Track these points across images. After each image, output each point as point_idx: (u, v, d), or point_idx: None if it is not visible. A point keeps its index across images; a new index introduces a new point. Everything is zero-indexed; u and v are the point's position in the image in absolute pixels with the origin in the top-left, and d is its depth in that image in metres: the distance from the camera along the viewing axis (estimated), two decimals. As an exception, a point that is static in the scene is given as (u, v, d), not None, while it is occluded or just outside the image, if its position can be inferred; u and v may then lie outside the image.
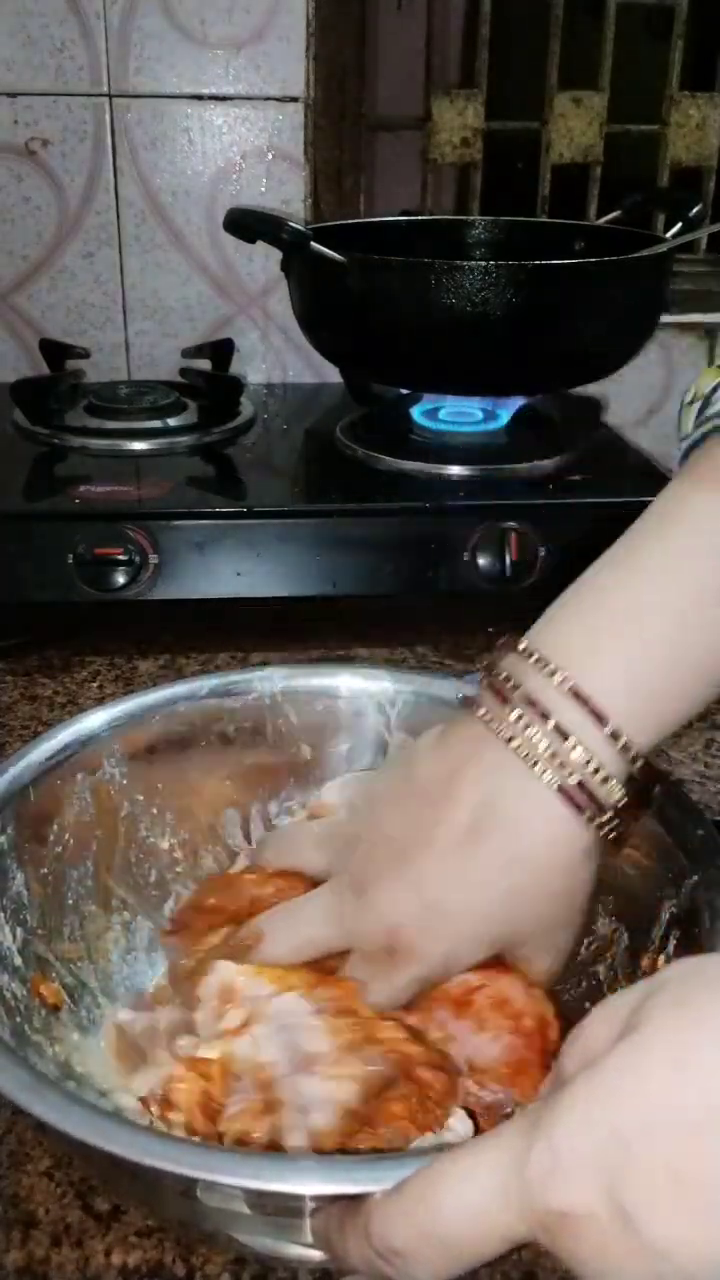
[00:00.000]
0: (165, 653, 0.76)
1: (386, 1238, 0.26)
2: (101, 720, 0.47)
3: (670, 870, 0.40)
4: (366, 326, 0.79)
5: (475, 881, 0.36)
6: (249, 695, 0.50)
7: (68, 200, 0.98)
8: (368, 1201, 0.27)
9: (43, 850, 0.44)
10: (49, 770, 0.44)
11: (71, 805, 0.45)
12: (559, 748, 0.35)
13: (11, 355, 1.03)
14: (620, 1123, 0.22)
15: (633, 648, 0.36)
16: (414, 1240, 0.26)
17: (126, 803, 0.47)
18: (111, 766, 0.47)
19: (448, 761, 0.38)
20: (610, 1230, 0.22)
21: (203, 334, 1.03)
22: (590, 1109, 0.23)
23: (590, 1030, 0.26)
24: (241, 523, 0.71)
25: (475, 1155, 0.25)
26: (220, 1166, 0.28)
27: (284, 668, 0.51)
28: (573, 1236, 0.23)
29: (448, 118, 1.09)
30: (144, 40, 0.93)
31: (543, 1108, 0.24)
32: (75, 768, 0.45)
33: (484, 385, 0.82)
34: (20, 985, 0.40)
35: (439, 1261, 0.26)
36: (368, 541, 0.71)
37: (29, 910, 0.42)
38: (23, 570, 0.69)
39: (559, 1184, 0.23)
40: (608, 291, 0.76)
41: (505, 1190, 0.24)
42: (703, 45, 1.13)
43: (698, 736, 0.68)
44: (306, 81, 0.96)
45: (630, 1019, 0.24)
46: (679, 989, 0.24)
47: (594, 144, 1.11)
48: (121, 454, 0.83)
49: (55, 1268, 0.37)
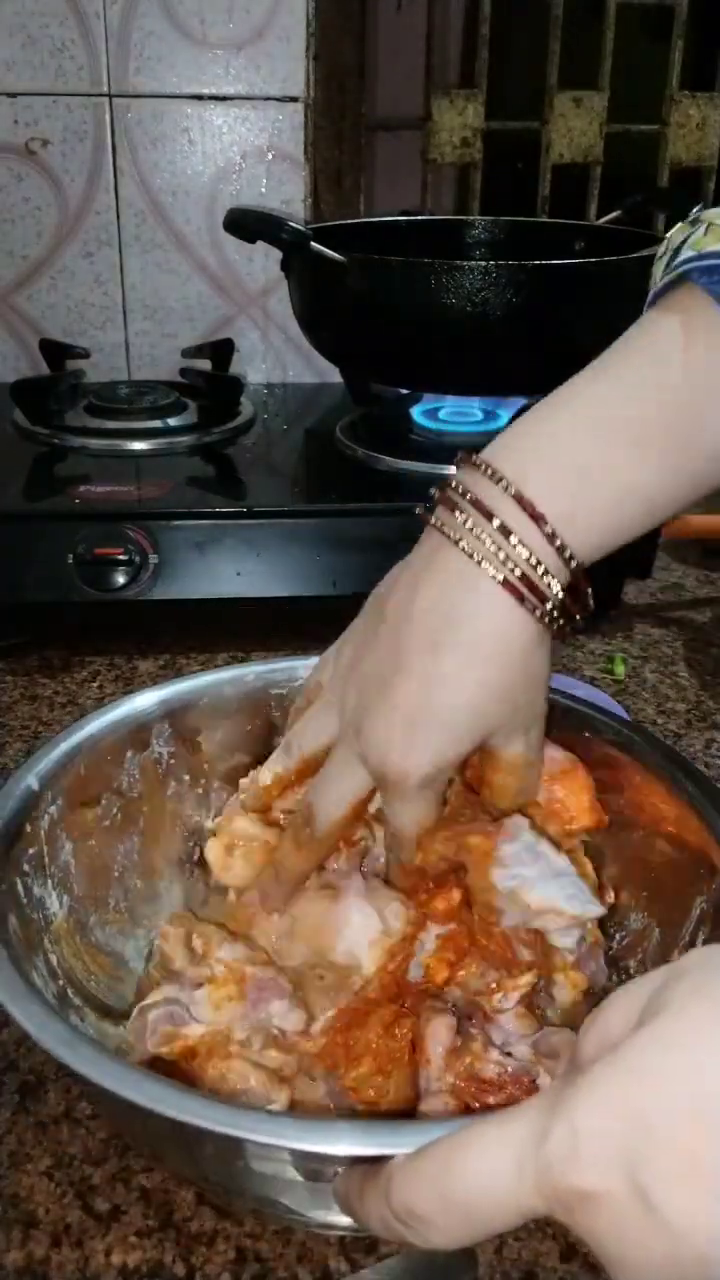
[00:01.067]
0: (165, 653, 0.76)
1: (406, 1201, 0.27)
2: (151, 700, 0.49)
3: (702, 867, 0.41)
4: (366, 326, 0.79)
5: (445, 688, 0.39)
6: (294, 682, 0.51)
7: (68, 200, 0.98)
8: (389, 1165, 0.28)
9: (91, 823, 0.45)
10: (99, 746, 0.46)
11: (120, 781, 0.47)
12: (502, 543, 0.38)
13: (11, 355, 1.03)
14: (640, 1106, 0.23)
15: (576, 457, 0.38)
16: (433, 1206, 0.26)
17: (173, 781, 0.49)
18: (160, 746, 0.49)
19: (407, 578, 0.41)
20: (628, 1210, 0.23)
21: (203, 334, 1.03)
22: (611, 1092, 0.23)
23: (609, 1014, 0.27)
24: (241, 523, 0.71)
25: (498, 1128, 0.26)
26: (265, 1128, 0.29)
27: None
28: (591, 1215, 0.23)
29: (448, 118, 1.09)
30: (144, 40, 0.93)
31: (563, 1087, 0.25)
32: (125, 745, 0.47)
33: (484, 385, 0.82)
34: (65, 950, 0.41)
35: (456, 1229, 0.26)
36: (368, 541, 0.71)
37: (76, 879, 0.44)
38: (23, 570, 0.69)
39: (579, 1164, 0.23)
40: (608, 291, 0.76)
41: (525, 1166, 0.24)
42: (703, 45, 1.13)
43: (698, 736, 0.68)
44: (306, 81, 0.96)
45: (650, 1004, 0.25)
46: (700, 976, 0.25)
47: (594, 144, 1.11)
48: (121, 454, 0.83)
49: (55, 1268, 0.37)
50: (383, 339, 0.79)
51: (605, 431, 0.38)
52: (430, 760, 0.39)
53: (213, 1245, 0.38)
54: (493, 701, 0.39)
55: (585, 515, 0.38)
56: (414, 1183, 0.27)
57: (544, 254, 0.77)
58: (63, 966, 0.40)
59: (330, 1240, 0.38)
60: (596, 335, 0.41)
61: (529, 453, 0.39)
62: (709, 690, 0.73)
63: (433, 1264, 0.37)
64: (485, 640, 0.39)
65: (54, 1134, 0.42)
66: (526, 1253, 0.37)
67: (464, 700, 0.39)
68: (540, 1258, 0.37)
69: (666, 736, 0.67)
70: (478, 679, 0.39)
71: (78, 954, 0.42)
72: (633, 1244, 0.23)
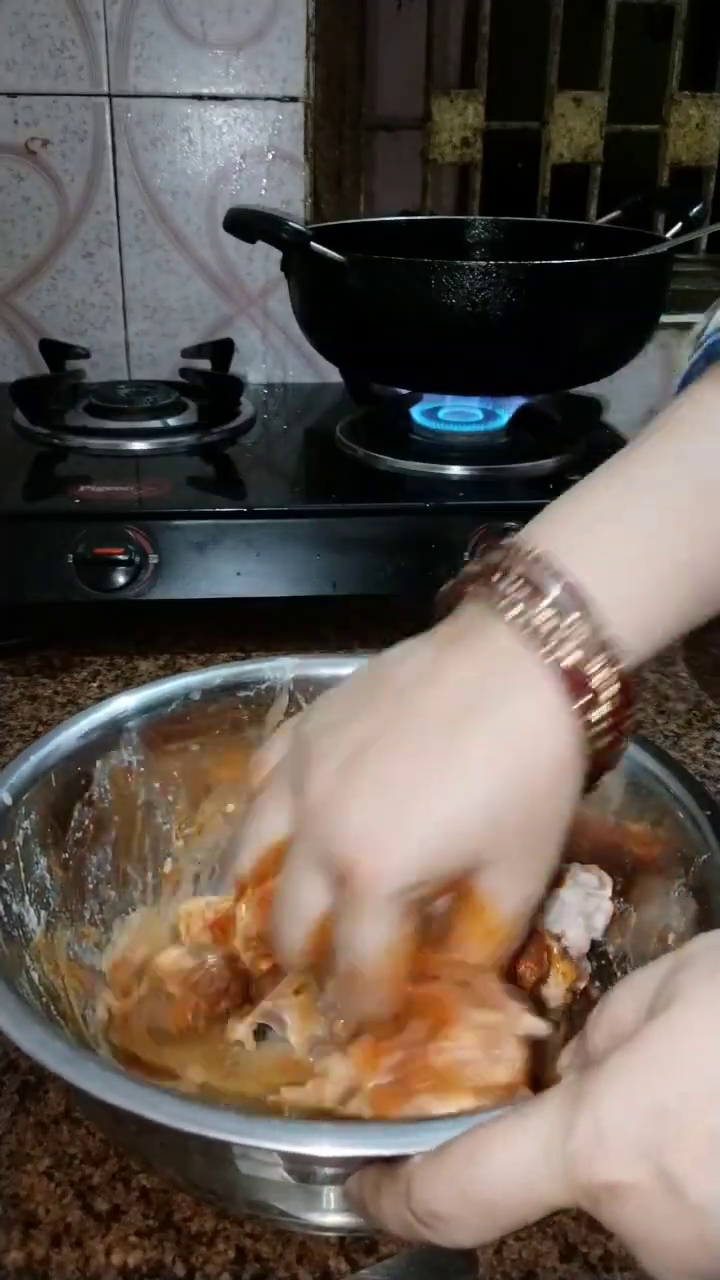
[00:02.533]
0: (165, 653, 0.76)
1: (428, 1202, 0.27)
2: (119, 708, 0.48)
3: (680, 850, 0.41)
4: (366, 326, 0.79)
5: (459, 771, 0.31)
6: (261, 685, 0.51)
7: (68, 200, 0.98)
8: (405, 1165, 0.28)
9: (64, 835, 0.45)
10: (69, 758, 0.46)
11: (91, 792, 0.47)
12: (558, 624, 0.32)
13: (11, 355, 1.03)
14: (662, 1095, 0.23)
15: (624, 539, 0.33)
16: (456, 1205, 0.26)
17: (143, 789, 0.49)
18: (129, 754, 0.48)
19: (433, 646, 0.34)
20: (655, 1197, 0.23)
21: (203, 334, 1.03)
22: (632, 1082, 0.24)
23: (617, 1006, 0.27)
24: (241, 523, 0.71)
25: (519, 1125, 0.26)
26: (256, 1131, 0.29)
27: (295, 657, 0.52)
28: (618, 1204, 0.24)
29: (448, 118, 1.09)
30: (144, 40, 0.93)
31: (583, 1081, 0.25)
32: (94, 755, 0.47)
33: (484, 385, 0.82)
34: (45, 968, 0.40)
35: (480, 1226, 0.26)
36: (368, 541, 0.71)
37: (52, 894, 0.43)
38: (23, 570, 0.69)
39: (604, 1156, 0.24)
40: (608, 291, 0.76)
41: (549, 1161, 0.25)
42: (703, 45, 1.13)
43: (698, 736, 0.68)
44: (306, 81, 0.96)
45: (660, 993, 0.25)
46: (709, 962, 0.25)
47: (594, 144, 1.11)
48: (121, 454, 0.83)
49: (55, 1268, 0.37)
50: (383, 339, 0.79)
51: (654, 507, 0.33)
52: (414, 862, 0.31)
53: (213, 1245, 0.38)
54: (509, 811, 0.32)
55: (641, 599, 0.33)
56: (436, 1183, 0.27)
57: (544, 254, 0.77)
58: (44, 983, 0.39)
59: (330, 1240, 0.38)
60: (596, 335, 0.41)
61: (572, 531, 0.34)
62: (709, 690, 0.73)
63: (433, 1264, 0.37)
64: (520, 732, 0.32)
65: (54, 1134, 0.42)
66: (526, 1253, 0.37)
67: (480, 793, 0.31)
68: (540, 1258, 0.37)
69: (666, 736, 0.67)
70: (500, 773, 0.31)
71: (56, 970, 0.41)
72: (660, 1229, 0.23)
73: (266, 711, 0.51)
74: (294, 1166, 0.31)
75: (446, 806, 0.31)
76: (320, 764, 0.33)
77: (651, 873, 0.43)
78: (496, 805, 0.31)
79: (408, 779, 0.31)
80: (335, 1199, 0.34)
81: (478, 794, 0.31)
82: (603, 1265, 0.37)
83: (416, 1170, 0.27)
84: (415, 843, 0.31)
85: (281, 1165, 0.31)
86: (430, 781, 0.31)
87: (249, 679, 0.51)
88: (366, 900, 0.31)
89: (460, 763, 0.31)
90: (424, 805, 0.31)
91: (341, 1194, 0.31)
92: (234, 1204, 0.38)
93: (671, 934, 0.40)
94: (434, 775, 0.31)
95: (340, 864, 0.31)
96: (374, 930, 0.32)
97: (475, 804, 0.31)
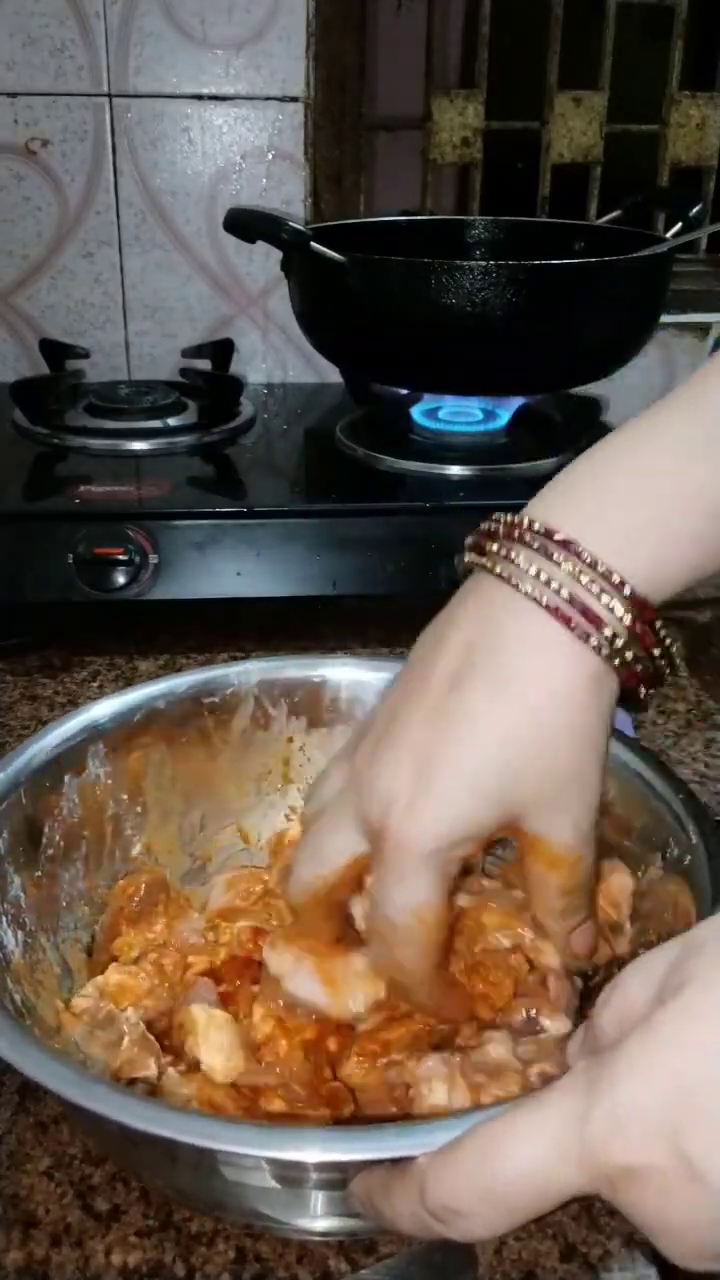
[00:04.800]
0: (165, 653, 0.76)
1: (444, 1198, 0.27)
2: (86, 721, 0.47)
3: (653, 837, 0.41)
4: (366, 326, 0.79)
5: (466, 730, 0.32)
6: (226, 690, 0.50)
7: (68, 200, 0.98)
8: (415, 1164, 0.28)
9: (36, 853, 0.44)
10: (38, 774, 0.45)
11: (60, 807, 0.46)
12: (543, 564, 0.32)
13: (11, 355, 1.03)
14: (680, 1079, 0.24)
15: (619, 484, 0.33)
16: (474, 1199, 0.26)
17: (111, 802, 0.48)
18: (96, 767, 0.47)
19: (442, 616, 0.36)
20: (674, 1180, 0.23)
21: (203, 334, 1.03)
22: (650, 1067, 0.24)
23: (626, 991, 0.27)
24: (241, 523, 0.71)
25: (534, 1114, 0.26)
26: (240, 1138, 0.29)
27: (260, 660, 0.52)
28: (637, 1189, 0.24)
29: (448, 118, 1.09)
30: (144, 40, 0.93)
31: (598, 1066, 0.25)
32: (62, 770, 0.46)
33: (484, 385, 0.82)
34: (26, 989, 0.40)
35: (498, 1219, 0.27)
36: (368, 541, 0.71)
37: (27, 913, 0.42)
38: (23, 570, 0.69)
39: (623, 1141, 0.24)
40: (608, 291, 0.76)
41: (566, 1149, 0.25)
42: (703, 45, 1.13)
43: (698, 736, 0.68)
44: (306, 81, 0.96)
45: (670, 978, 0.26)
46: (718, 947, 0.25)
47: (594, 144, 1.11)
48: (121, 454, 0.83)
49: (55, 1268, 0.37)
50: (383, 339, 0.79)
51: (653, 452, 0.33)
52: (442, 825, 0.32)
53: (213, 1245, 0.38)
54: (527, 758, 0.32)
55: (643, 529, 0.33)
56: (451, 1179, 0.27)
57: (544, 254, 0.77)
58: (26, 1005, 0.39)
59: (330, 1241, 0.38)
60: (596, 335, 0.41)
61: (563, 490, 0.35)
62: (709, 690, 0.73)
63: (433, 1264, 0.37)
64: (519, 674, 0.32)
65: (54, 1134, 0.42)
66: (526, 1253, 0.37)
67: (491, 748, 0.32)
68: (540, 1258, 0.37)
69: (666, 736, 0.67)
70: (506, 720, 0.32)
71: (36, 991, 0.41)
72: (679, 1212, 0.24)
73: (233, 717, 0.51)
74: (281, 1173, 0.31)
75: (465, 767, 0.32)
76: (366, 737, 0.35)
77: (627, 860, 0.42)
78: (511, 755, 0.32)
79: (427, 745, 0.33)
80: (323, 1203, 0.34)
81: (490, 749, 0.32)
82: (603, 1265, 0.37)
83: (430, 1168, 0.27)
84: (443, 807, 0.32)
85: (268, 1171, 0.30)
86: (447, 745, 0.32)
87: (215, 685, 0.50)
88: (398, 862, 0.33)
89: (468, 723, 0.32)
90: (444, 769, 0.32)
91: (348, 1196, 0.31)
92: (222, 1211, 0.37)
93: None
94: (450, 738, 0.32)
95: (373, 826, 0.33)
96: (402, 893, 0.33)
97: (489, 759, 0.32)
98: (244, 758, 0.52)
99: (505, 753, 0.32)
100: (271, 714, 0.51)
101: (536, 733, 0.32)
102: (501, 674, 0.32)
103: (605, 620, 0.32)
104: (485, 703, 0.32)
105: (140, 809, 0.49)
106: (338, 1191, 0.32)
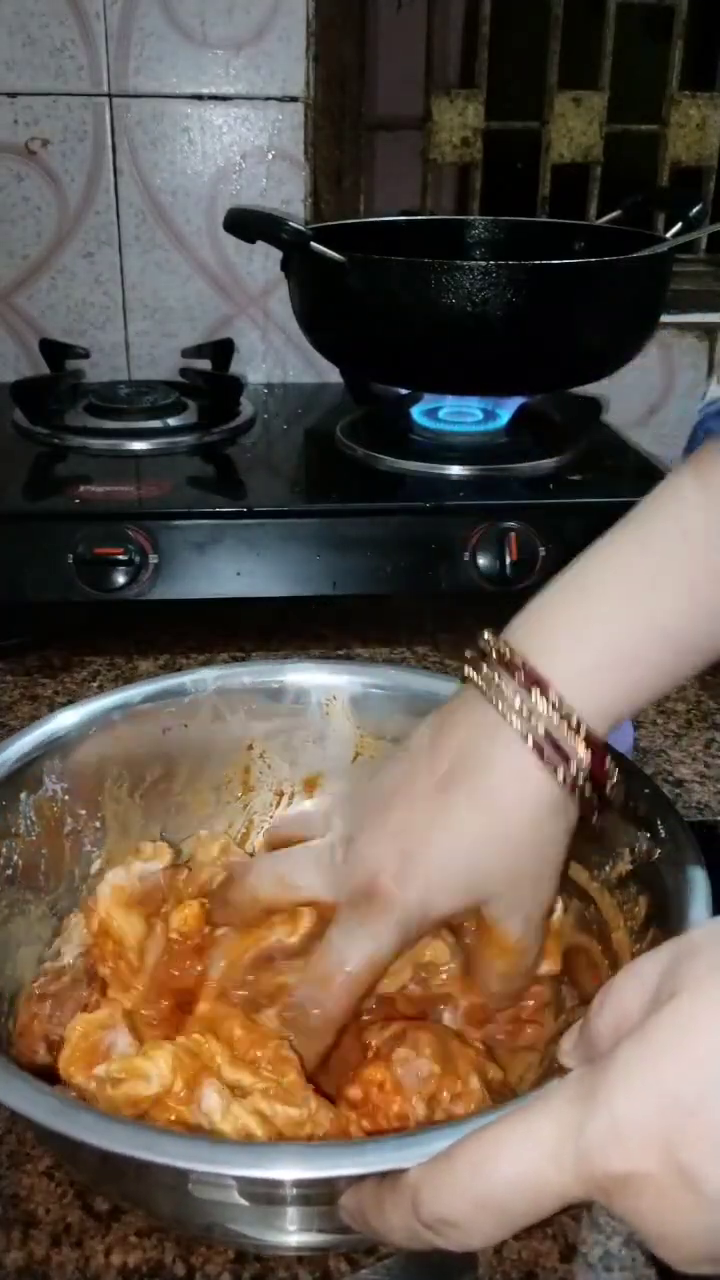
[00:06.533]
0: (165, 653, 0.76)
1: (438, 1209, 0.27)
2: (41, 736, 0.46)
3: (625, 833, 0.42)
4: (366, 326, 0.79)
5: (448, 827, 0.38)
6: (184, 698, 0.50)
7: (68, 200, 0.98)
8: (406, 1176, 0.28)
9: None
10: None
11: (17, 826, 0.44)
12: (525, 699, 0.38)
13: (11, 355, 1.03)
14: (675, 1087, 0.24)
15: (592, 638, 0.39)
16: (468, 1210, 0.26)
17: (69, 818, 0.47)
18: (53, 783, 0.46)
19: (437, 719, 0.41)
20: (670, 1188, 0.23)
21: (203, 334, 1.03)
22: (645, 1076, 0.24)
23: (620, 996, 0.27)
24: (241, 523, 0.71)
25: (529, 1123, 0.26)
26: (213, 1157, 0.28)
27: (217, 668, 0.51)
28: (633, 1197, 0.24)
29: (448, 118, 1.09)
30: (144, 40, 0.93)
31: (594, 1075, 0.25)
32: (18, 787, 0.45)
33: (484, 385, 0.82)
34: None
35: (493, 1228, 0.27)
36: (368, 541, 0.71)
37: None
38: (23, 570, 0.69)
39: (620, 1151, 0.24)
40: (608, 291, 0.76)
41: (561, 1157, 0.25)
42: (703, 45, 1.13)
43: (698, 736, 0.68)
44: (306, 81, 0.96)
45: (664, 984, 0.26)
46: (713, 953, 0.25)
47: (594, 144, 1.11)
48: (121, 454, 0.83)
49: (55, 1268, 0.37)
50: (383, 339, 0.79)
51: (608, 596, 0.39)
52: (424, 895, 0.38)
53: (213, 1245, 0.38)
54: (494, 859, 0.38)
55: (593, 673, 0.38)
56: (445, 1191, 0.27)
57: (544, 254, 0.77)
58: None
59: (330, 1240, 0.38)
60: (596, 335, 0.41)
61: (545, 631, 0.39)
62: (709, 690, 0.73)
63: (432, 1263, 0.37)
64: (498, 791, 0.38)
65: (54, 1134, 0.41)
66: (526, 1253, 0.37)
67: (464, 846, 0.38)
68: (540, 1258, 0.37)
69: (666, 736, 0.67)
70: (482, 826, 0.38)
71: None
72: (675, 1221, 0.24)
73: (190, 726, 0.50)
74: (253, 1190, 0.30)
75: (444, 858, 0.38)
76: (364, 810, 0.41)
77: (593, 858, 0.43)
78: (479, 853, 0.38)
79: (418, 831, 0.39)
80: (307, 1220, 0.33)
81: (465, 847, 0.38)
82: (603, 1265, 0.37)
83: (422, 1179, 0.27)
84: (424, 882, 0.38)
85: (235, 1188, 0.30)
86: (430, 832, 0.38)
87: (171, 693, 0.50)
88: (375, 915, 0.38)
89: (450, 818, 0.38)
90: (428, 853, 0.38)
91: (337, 1210, 0.30)
92: (194, 1228, 0.37)
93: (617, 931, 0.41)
94: (433, 827, 0.38)
95: (359, 884, 0.39)
96: (368, 937, 0.38)
97: (464, 854, 0.38)
98: (203, 767, 0.51)
99: (477, 852, 0.38)
100: (229, 721, 0.51)
101: (504, 845, 0.38)
102: (482, 788, 0.38)
103: (571, 757, 0.37)
104: (467, 811, 0.38)
105: (99, 824, 0.48)
106: (323, 1206, 0.31)
